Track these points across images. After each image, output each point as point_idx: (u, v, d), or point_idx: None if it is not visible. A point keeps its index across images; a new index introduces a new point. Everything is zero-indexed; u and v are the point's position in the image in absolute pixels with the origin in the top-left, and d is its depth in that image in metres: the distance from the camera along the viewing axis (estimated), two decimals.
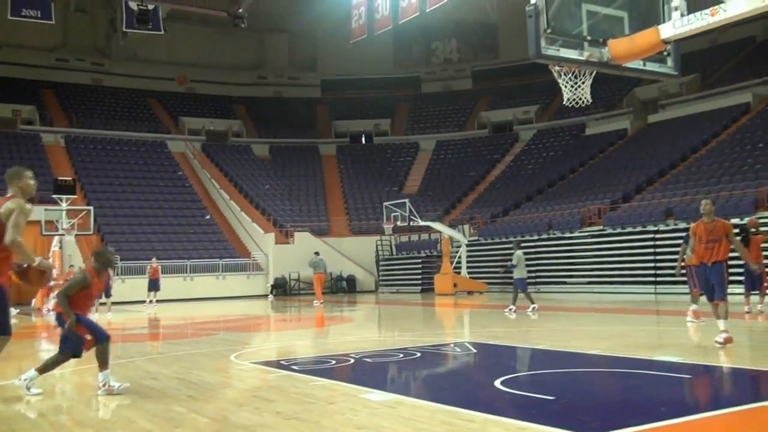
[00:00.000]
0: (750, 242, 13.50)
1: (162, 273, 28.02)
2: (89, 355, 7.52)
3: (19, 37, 41.70)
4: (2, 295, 6.13)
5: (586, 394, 6.84)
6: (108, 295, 22.91)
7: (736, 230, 11.69)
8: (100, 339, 7.30)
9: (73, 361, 11.46)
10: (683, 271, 13.57)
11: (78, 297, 7.28)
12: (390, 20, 22.31)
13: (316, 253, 25.94)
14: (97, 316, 21.75)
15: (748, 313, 13.99)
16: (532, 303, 17.00)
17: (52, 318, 21.77)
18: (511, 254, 17.96)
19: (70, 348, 7.33)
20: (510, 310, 16.90)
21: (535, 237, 28.20)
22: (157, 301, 26.35)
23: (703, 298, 10.65)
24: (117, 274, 30.33)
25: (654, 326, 13.64)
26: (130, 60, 47.43)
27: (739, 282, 14.65)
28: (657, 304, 19.16)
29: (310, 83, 52.48)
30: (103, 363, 7.28)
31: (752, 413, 5.66)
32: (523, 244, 28.28)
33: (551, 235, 27.65)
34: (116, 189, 37.63)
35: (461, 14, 43.90)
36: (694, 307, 12.73)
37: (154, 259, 27.09)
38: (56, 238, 28.67)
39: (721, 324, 9.31)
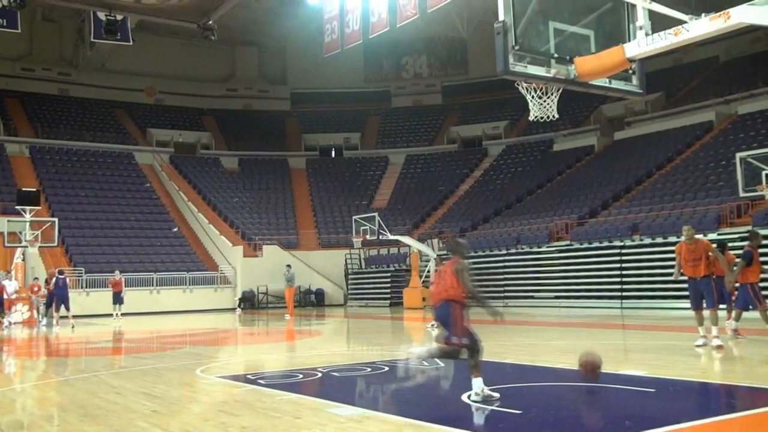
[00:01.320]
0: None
1: (128, 286, 27.69)
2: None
3: None
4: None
5: (552, 408, 6.87)
6: (67, 308, 22.39)
7: (714, 245, 12.04)
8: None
9: (33, 375, 11.27)
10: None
11: None
12: (360, 35, 22.45)
13: (289, 266, 25.76)
14: (58, 329, 21.39)
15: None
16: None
17: (9, 330, 21.34)
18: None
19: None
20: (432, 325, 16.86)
21: (504, 251, 28.38)
22: (123, 314, 25.99)
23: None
24: (81, 287, 29.92)
25: (620, 340, 13.78)
26: (97, 70, 46.91)
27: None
28: (623, 319, 19.37)
29: (280, 96, 52.40)
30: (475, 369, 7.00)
31: (716, 427, 5.74)
32: (492, 259, 28.60)
33: (519, 250, 27.85)
34: (82, 200, 37.11)
35: (431, 30, 44.21)
36: (734, 324, 12.44)
37: (117, 272, 26.72)
38: (19, 250, 28.14)
39: (713, 330, 10.69)
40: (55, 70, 46.71)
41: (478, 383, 6.89)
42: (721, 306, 13.21)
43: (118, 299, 25.78)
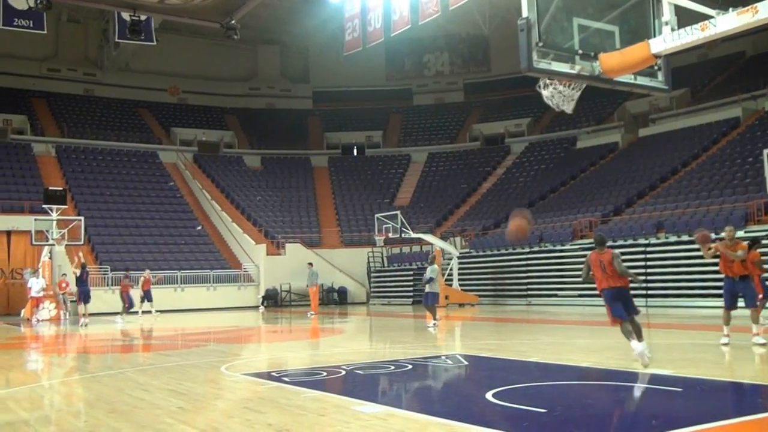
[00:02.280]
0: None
1: (152, 284, 28.01)
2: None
3: (10, 47, 41.62)
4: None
5: (577, 407, 6.84)
6: (86, 301, 22.86)
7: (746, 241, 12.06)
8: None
9: (60, 372, 11.43)
10: None
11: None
12: (382, 33, 22.44)
13: (310, 264, 25.82)
14: (85, 324, 21.63)
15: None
16: (435, 319, 16.81)
17: (41, 327, 21.66)
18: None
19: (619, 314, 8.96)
20: (433, 325, 16.57)
21: (527, 249, 28.24)
22: (145, 312, 26.27)
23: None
24: (107, 285, 30.26)
25: (645, 339, 13.64)
26: (122, 70, 47.39)
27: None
28: (648, 317, 19.18)
29: (302, 95, 52.56)
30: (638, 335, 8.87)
31: (742, 427, 5.68)
32: (515, 257, 28.48)
33: (542, 248, 27.70)
34: (107, 199, 37.50)
35: (453, 27, 44.08)
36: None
37: (147, 270, 27.06)
38: (46, 248, 28.53)
39: (753, 328, 11.00)
40: (80, 71, 47.24)
41: (637, 344, 8.78)
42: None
43: (147, 296, 26.24)
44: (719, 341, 10.90)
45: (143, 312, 26.35)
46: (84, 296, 22.76)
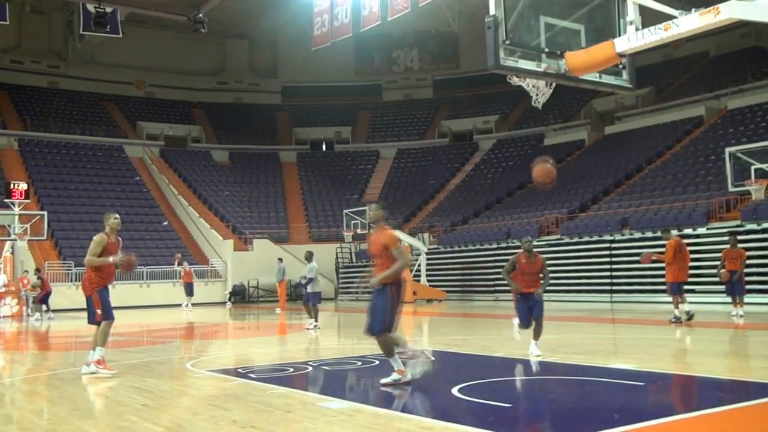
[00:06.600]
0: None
1: (117, 279, 27.63)
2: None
3: None
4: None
5: (542, 402, 6.90)
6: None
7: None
8: None
9: (22, 369, 11.23)
10: None
11: None
12: (350, 28, 22.37)
13: (280, 260, 25.72)
14: (50, 322, 21.29)
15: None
16: (316, 320, 16.04)
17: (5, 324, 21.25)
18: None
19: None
20: (314, 327, 15.80)
21: (494, 245, 28.45)
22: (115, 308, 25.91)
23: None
24: (71, 281, 29.81)
25: (610, 334, 13.83)
26: (87, 63, 46.67)
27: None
28: (612, 313, 19.44)
29: (270, 90, 52.27)
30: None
31: (704, 420, 5.78)
32: (482, 253, 28.66)
33: (510, 244, 27.91)
34: (71, 194, 36.94)
35: (422, 24, 44.20)
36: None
37: (185, 264, 26.90)
38: (8, 243, 28.02)
39: None
40: (44, 63, 46.43)
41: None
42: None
43: (189, 291, 26.44)
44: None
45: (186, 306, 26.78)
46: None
